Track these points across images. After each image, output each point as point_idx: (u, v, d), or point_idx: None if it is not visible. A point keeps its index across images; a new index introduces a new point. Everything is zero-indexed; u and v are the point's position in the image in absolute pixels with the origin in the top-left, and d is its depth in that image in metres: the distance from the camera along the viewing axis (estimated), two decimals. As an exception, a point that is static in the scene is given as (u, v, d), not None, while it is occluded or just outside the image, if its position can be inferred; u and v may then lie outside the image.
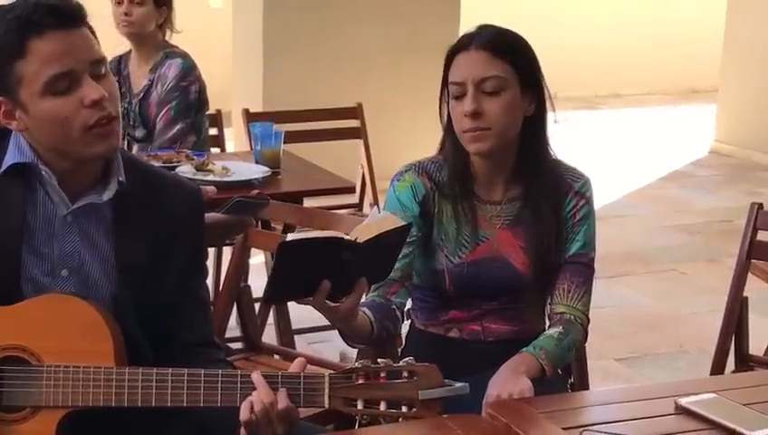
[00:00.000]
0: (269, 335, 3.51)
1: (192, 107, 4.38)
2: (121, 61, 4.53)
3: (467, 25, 2.51)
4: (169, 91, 4.33)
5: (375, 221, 2.20)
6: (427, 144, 2.94)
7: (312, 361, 3.24)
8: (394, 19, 7.10)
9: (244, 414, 1.93)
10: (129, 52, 4.52)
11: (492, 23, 2.50)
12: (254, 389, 1.94)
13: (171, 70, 4.35)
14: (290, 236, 2.04)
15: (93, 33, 2.04)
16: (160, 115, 4.34)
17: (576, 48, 10.64)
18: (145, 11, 4.33)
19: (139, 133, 4.43)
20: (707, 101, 9.94)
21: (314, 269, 2.04)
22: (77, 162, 2.05)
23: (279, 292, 2.08)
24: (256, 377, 1.94)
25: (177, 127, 4.32)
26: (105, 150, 2.04)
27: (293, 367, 2.00)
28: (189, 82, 4.36)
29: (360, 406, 1.93)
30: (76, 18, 1.99)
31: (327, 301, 2.08)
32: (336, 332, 2.28)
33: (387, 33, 7.09)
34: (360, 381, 1.93)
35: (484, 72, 2.39)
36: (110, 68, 4.49)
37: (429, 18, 7.12)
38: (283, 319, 3.48)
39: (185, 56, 4.42)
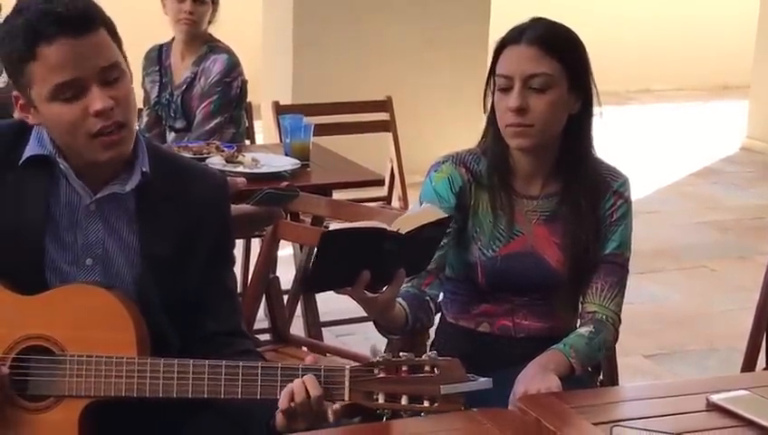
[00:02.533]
0: (297, 327, 3.51)
1: (232, 102, 4.45)
2: (162, 50, 4.57)
3: (497, 22, 2.49)
4: (213, 86, 4.41)
5: (417, 213, 2.19)
6: (455, 139, 2.93)
7: (339, 353, 3.25)
8: (425, 14, 7.08)
9: (283, 403, 1.93)
10: (171, 41, 4.56)
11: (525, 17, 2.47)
12: (275, 381, 1.93)
13: (216, 65, 4.43)
14: (333, 226, 2.03)
15: (112, 31, 2.03)
16: (200, 108, 4.40)
17: (607, 43, 10.57)
18: (206, 9, 4.43)
19: (179, 124, 4.50)
20: (739, 98, 9.87)
21: (355, 259, 2.03)
22: (90, 162, 2.06)
23: (319, 281, 2.08)
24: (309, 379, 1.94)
25: (216, 121, 4.39)
26: (112, 158, 2.04)
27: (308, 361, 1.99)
28: (233, 78, 4.46)
29: (380, 400, 1.92)
30: (86, 24, 1.97)
31: (366, 291, 2.08)
32: (364, 324, 2.27)
33: (417, 27, 7.07)
34: (382, 375, 1.92)
35: (533, 68, 2.36)
36: (150, 56, 4.57)
37: (460, 14, 7.09)
38: (311, 311, 3.48)
39: (230, 52, 4.50)
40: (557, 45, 2.39)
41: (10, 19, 2.00)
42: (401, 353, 1.92)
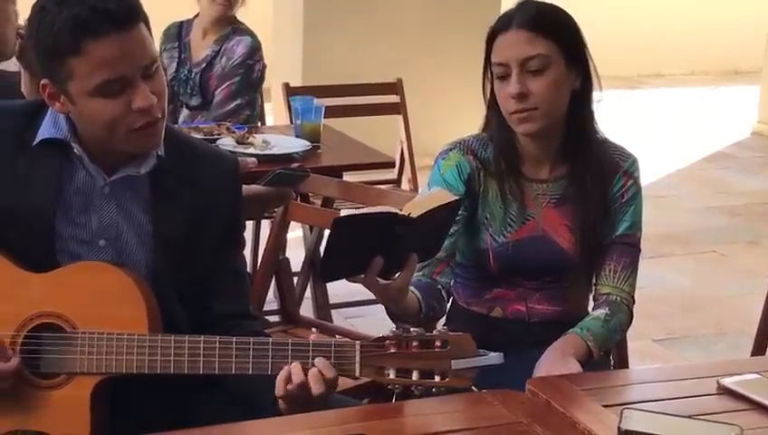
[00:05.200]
0: (306, 309, 3.52)
1: (252, 86, 4.46)
2: (182, 27, 4.57)
3: (508, 4, 2.48)
4: (235, 67, 4.42)
5: (427, 196, 2.18)
6: (466, 121, 2.92)
7: (348, 335, 3.25)
8: (436, -5, 7.08)
9: (279, 390, 1.94)
10: (192, 18, 4.57)
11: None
12: (286, 357, 1.93)
13: (240, 47, 4.45)
14: (344, 212, 2.02)
15: (147, 24, 2.02)
16: (221, 88, 4.42)
17: (618, 27, 10.56)
18: None
19: (195, 102, 4.50)
20: (750, 82, 9.84)
21: (367, 245, 2.02)
22: (119, 151, 2.06)
23: (332, 270, 2.06)
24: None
25: (235, 103, 4.41)
26: (146, 149, 2.06)
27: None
28: (255, 61, 4.49)
29: (391, 375, 1.91)
30: (131, 20, 1.96)
31: (378, 279, 2.07)
32: (373, 307, 2.27)
33: (428, 8, 7.06)
34: (392, 350, 1.91)
35: (527, 51, 2.34)
36: (170, 33, 4.59)
37: (471, -5, 7.08)
38: (321, 293, 3.49)
39: (253, 35, 4.53)
40: (548, 25, 2.37)
41: (50, 9, 1.95)
42: (412, 329, 1.92)
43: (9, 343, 1.98)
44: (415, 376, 1.91)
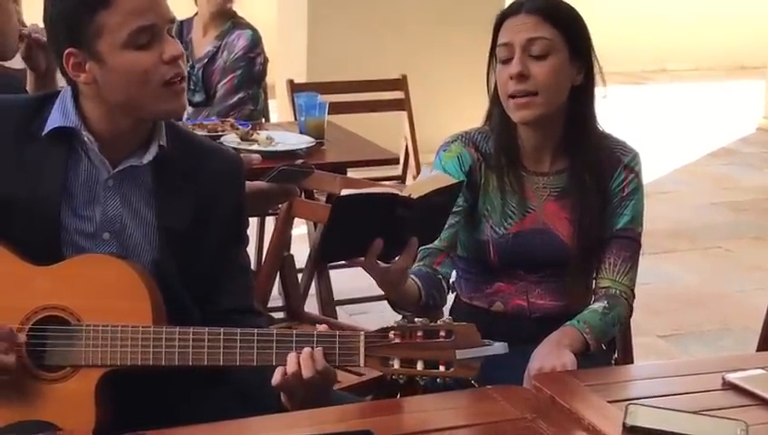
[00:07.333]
0: (311, 306, 3.52)
1: (255, 79, 4.47)
2: (183, 25, 4.58)
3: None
4: (236, 61, 4.44)
5: (428, 179, 2.17)
6: (471, 117, 2.91)
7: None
8: (440, -10, 7.07)
9: (276, 379, 1.94)
10: (192, 17, 4.57)
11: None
12: (290, 348, 1.93)
13: (240, 40, 4.47)
14: (345, 192, 2.01)
15: None
16: (223, 82, 4.45)
17: (623, 22, 10.55)
18: None
19: (198, 98, 4.51)
20: (756, 78, 9.83)
21: (368, 227, 2.01)
22: (134, 123, 2.06)
23: (331, 250, 2.06)
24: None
25: (238, 96, 4.42)
26: (176, 109, 2.09)
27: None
28: (256, 54, 4.52)
29: (396, 365, 1.91)
30: None
31: (378, 262, 2.07)
32: (378, 303, 2.26)
33: (432, 4, 7.06)
34: (397, 341, 1.91)
35: (532, 33, 2.36)
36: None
37: (475, -10, 7.08)
38: (325, 289, 3.48)
39: (253, 29, 4.56)
40: (555, 14, 2.40)
41: None
42: (416, 319, 1.92)
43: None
44: (419, 366, 1.91)
